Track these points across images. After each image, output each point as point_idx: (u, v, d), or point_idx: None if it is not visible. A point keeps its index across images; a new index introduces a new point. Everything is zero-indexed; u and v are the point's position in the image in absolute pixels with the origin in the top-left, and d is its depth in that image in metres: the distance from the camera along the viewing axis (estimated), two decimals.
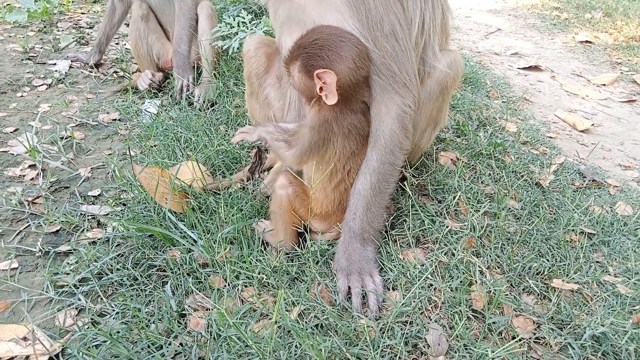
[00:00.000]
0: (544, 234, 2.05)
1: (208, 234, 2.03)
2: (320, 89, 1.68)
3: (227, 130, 3.05)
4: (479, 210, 2.04)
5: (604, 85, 4.71)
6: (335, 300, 1.70)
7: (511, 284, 1.78)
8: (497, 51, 5.36)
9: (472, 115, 3.20)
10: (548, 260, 1.88)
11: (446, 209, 2.09)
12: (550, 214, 2.28)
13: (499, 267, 1.83)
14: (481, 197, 2.23)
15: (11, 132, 3.05)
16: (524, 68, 4.93)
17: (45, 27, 4.82)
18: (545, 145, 3.12)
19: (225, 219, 2.02)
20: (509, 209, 2.21)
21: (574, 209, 2.31)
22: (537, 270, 1.84)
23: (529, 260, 1.86)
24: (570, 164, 2.89)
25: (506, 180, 2.43)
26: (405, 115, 1.82)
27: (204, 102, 3.40)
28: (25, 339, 1.70)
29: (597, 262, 2.04)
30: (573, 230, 2.16)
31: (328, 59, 1.65)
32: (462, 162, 2.48)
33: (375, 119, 1.83)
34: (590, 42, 5.88)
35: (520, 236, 2.00)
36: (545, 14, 7.01)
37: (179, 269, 1.91)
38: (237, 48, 3.23)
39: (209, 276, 1.88)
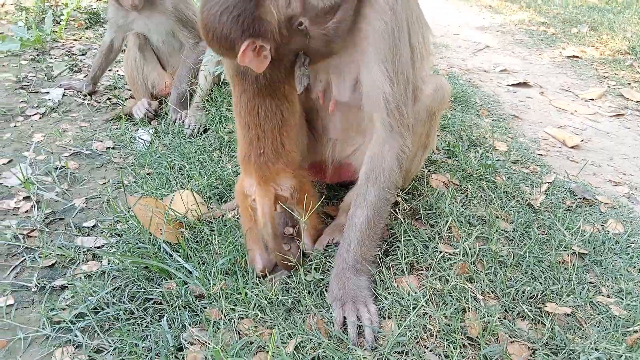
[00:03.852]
0: (536, 256, 2.08)
1: (203, 265, 2.04)
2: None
3: (220, 157, 3.07)
4: (470, 235, 2.06)
5: (592, 99, 4.78)
6: (332, 331, 1.71)
7: (505, 309, 1.80)
8: (486, 68, 5.44)
9: (462, 136, 3.24)
10: (541, 284, 1.91)
11: (439, 234, 2.12)
12: (542, 234, 2.30)
13: (492, 292, 1.85)
14: (473, 220, 2.26)
15: (5, 164, 3.06)
16: (513, 85, 5.00)
17: (38, 55, 4.86)
18: (536, 164, 3.16)
19: (219, 250, 2.03)
20: (501, 231, 2.23)
21: (565, 229, 2.33)
22: (530, 294, 1.86)
23: (522, 284, 1.88)
24: (560, 182, 2.92)
25: (497, 202, 2.46)
26: (404, 155, 1.91)
27: (195, 128, 3.43)
28: None
29: (590, 282, 2.06)
30: (565, 250, 2.18)
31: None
32: (453, 185, 2.51)
33: (377, 156, 1.90)
34: (577, 56, 5.98)
35: (512, 259, 2.02)
36: (532, 30, 7.13)
37: (175, 301, 1.91)
38: None
39: (205, 308, 1.88)
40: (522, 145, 3.46)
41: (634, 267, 2.20)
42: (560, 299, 1.86)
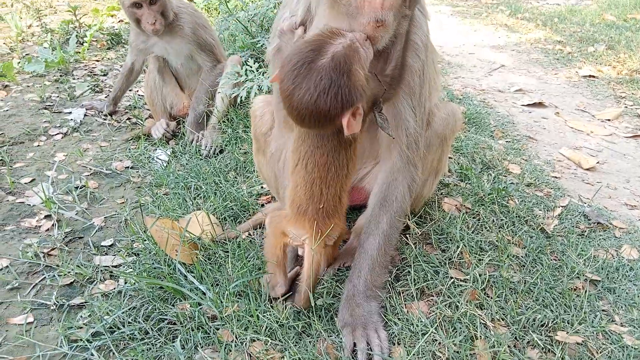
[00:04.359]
0: (548, 282, 2.07)
1: (217, 286, 2.08)
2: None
3: (235, 177, 3.13)
4: (482, 260, 2.07)
5: (609, 120, 4.74)
6: (341, 357, 1.72)
7: (515, 338, 1.80)
8: (500, 88, 5.45)
9: (475, 158, 3.25)
10: (552, 312, 1.90)
11: (449, 259, 2.13)
12: (555, 260, 2.30)
13: (503, 320, 1.85)
14: (485, 245, 2.26)
15: (28, 183, 3.15)
16: (528, 105, 4.99)
17: (61, 76, 5.01)
18: (550, 187, 3.15)
19: (232, 272, 2.07)
20: (513, 256, 2.23)
21: (578, 255, 2.32)
22: (541, 322, 1.86)
23: (533, 311, 1.88)
24: (575, 205, 2.91)
25: (509, 227, 2.46)
26: (415, 185, 1.98)
27: (212, 149, 3.50)
28: None
29: (603, 310, 2.04)
30: (578, 277, 2.17)
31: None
32: (465, 209, 2.52)
33: (391, 185, 1.95)
34: (593, 76, 5.94)
35: (524, 286, 2.02)
36: (548, 49, 7.11)
37: (188, 322, 1.95)
38: (245, 97, 3.34)
39: (218, 330, 1.92)
40: (536, 167, 3.45)
41: None
42: (571, 327, 1.86)
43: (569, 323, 1.88)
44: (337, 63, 1.50)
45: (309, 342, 1.79)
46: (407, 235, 2.14)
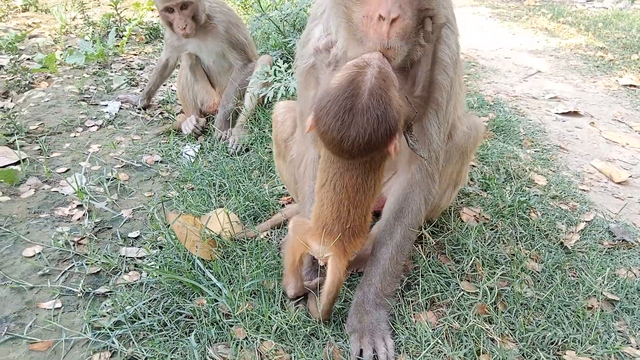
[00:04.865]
0: (562, 299, 2.05)
1: (232, 283, 2.15)
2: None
3: (260, 176, 3.20)
4: (495, 273, 2.07)
5: None
6: None
7: (523, 354, 1.79)
8: (535, 95, 5.33)
9: (499, 168, 3.21)
10: (563, 330, 1.88)
11: (462, 271, 2.13)
12: (573, 277, 2.27)
13: (511, 335, 1.85)
14: (500, 258, 2.25)
15: (62, 173, 3.30)
16: (563, 113, 4.87)
17: (100, 68, 5.20)
18: (576, 200, 3.08)
19: (247, 271, 2.14)
20: (529, 271, 2.21)
21: (597, 273, 2.28)
22: (551, 340, 1.84)
23: (543, 328, 1.87)
24: (600, 221, 2.85)
25: (529, 240, 2.44)
26: (432, 197, 2.00)
27: (238, 147, 3.58)
28: None
29: (619, 331, 2.01)
30: (594, 296, 2.14)
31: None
32: (483, 220, 2.51)
33: (408, 197, 1.97)
34: (635, 85, 5.75)
35: (536, 302, 2.01)
36: (588, 55, 6.91)
37: (204, 318, 2.03)
38: (272, 97, 3.40)
39: (232, 326, 1.98)
40: (564, 179, 3.38)
41: None
42: (582, 347, 1.84)
43: (580, 343, 1.86)
44: (377, 98, 1.51)
45: (317, 345, 1.84)
46: (421, 245, 2.16)
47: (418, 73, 1.72)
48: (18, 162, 3.31)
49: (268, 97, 3.42)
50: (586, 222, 2.78)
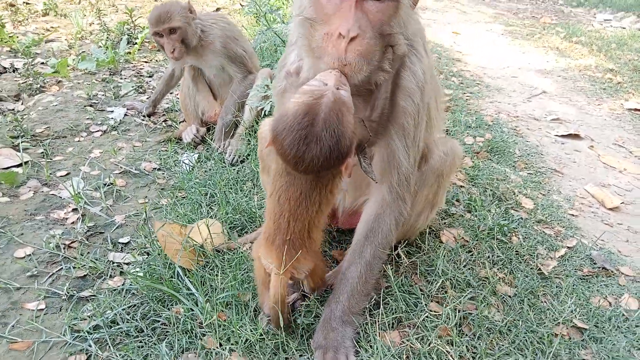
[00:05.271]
0: (529, 325, 2.08)
1: (208, 294, 2.21)
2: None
3: (252, 188, 3.27)
4: (464, 296, 2.10)
5: None
6: None
7: None
8: (537, 116, 5.34)
9: (487, 189, 3.24)
10: (523, 355, 1.91)
11: (432, 293, 2.17)
12: (544, 302, 2.29)
13: (473, 358, 1.88)
14: (473, 281, 2.29)
15: (63, 176, 3.41)
16: (563, 135, 4.87)
17: (110, 75, 5.34)
18: (562, 225, 3.10)
19: (222, 283, 2.20)
20: (500, 295, 2.24)
21: (571, 300, 2.30)
22: None
23: (506, 353, 1.90)
24: (583, 247, 2.86)
25: (507, 264, 2.46)
26: (402, 218, 2.05)
27: (234, 157, 3.66)
28: None
29: (583, 359, 2.03)
30: (564, 323, 2.16)
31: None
32: (462, 242, 2.54)
33: (379, 217, 2.03)
34: None
35: (503, 326, 2.04)
36: (596, 77, 6.89)
37: (180, 325, 2.09)
38: (269, 110, 3.48)
39: (204, 336, 2.05)
40: (553, 203, 3.40)
41: (638, 348, 2.13)
42: None
43: None
44: (331, 131, 1.61)
45: (283, 358, 1.89)
46: (395, 264, 2.20)
47: (377, 98, 1.79)
48: (20, 165, 3.43)
49: (265, 111, 3.50)
50: (568, 247, 2.80)
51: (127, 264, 2.60)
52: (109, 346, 2.05)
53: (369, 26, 1.64)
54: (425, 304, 2.10)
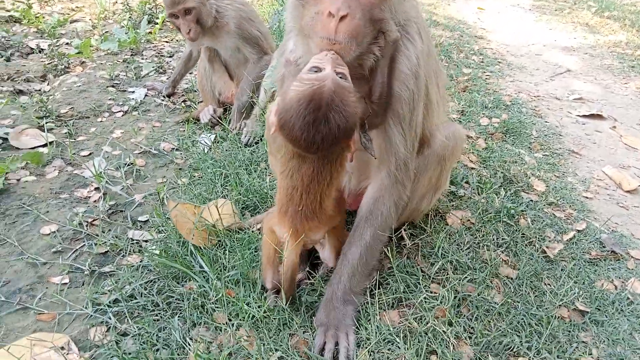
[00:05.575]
0: (529, 307, 2.12)
1: (219, 272, 2.32)
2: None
3: (265, 169, 3.35)
4: (465, 277, 2.15)
5: None
6: (309, 353, 1.91)
7: (478, 358, 1.89)
8: (559, 95, 5.24)
9: (497, 172, 3.24)
10: (518, 336, 1.96)
11: (432, 274, 2.23)
12: (546, 285, 2.32)
13: (469, 339, 1.95)
14: (476, 264, 2.33)
15: (86, 156, 3.56)
16: (584, 116, 4.78)
17: (132, 55, 5.45)
18: (574, 207, 3.09)
19: (230, 262, 2.30)
20: (502, 277, 2.28)
21: (574, 283, 2.33)
22: (507, 345, 1.93)
23: (502, 334, 1.96)
24: (593, 230, 2.86)
25: (511, 247, 2.49)
26: (402, 202, 2.10)
27: (249, 138, 3.74)
28: (62, 348, 2.08)
29: (583, 342, 2.07)
30: (565, 306, 2.20)
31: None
32: (468, 224, 2.58)
33: (378, 201, 2.09)
34: None
35: (502, 308, 2.08)
36: (626, 54, 6.67)
37: (192, 301, 2.21)
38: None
39: (214, 311, 2.16)
40: (567, 185, 3.38)
41: None
42: (536, 353, 1.91)
43: (536, 350, 1.94)
44: (337, 110, 1.67)
45: (286, 335, 1.99)
46: (398, 246, 2.26)
47: (374, 83, 1.83)
48: (46, 145, 3.59)
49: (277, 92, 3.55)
50: (577, 230, 2.80)
51: (146, 241, 2.73)
52: (127, 319, 2.18)
53: (358, 7, 1.68)
54: (425, 285, 2.16)
